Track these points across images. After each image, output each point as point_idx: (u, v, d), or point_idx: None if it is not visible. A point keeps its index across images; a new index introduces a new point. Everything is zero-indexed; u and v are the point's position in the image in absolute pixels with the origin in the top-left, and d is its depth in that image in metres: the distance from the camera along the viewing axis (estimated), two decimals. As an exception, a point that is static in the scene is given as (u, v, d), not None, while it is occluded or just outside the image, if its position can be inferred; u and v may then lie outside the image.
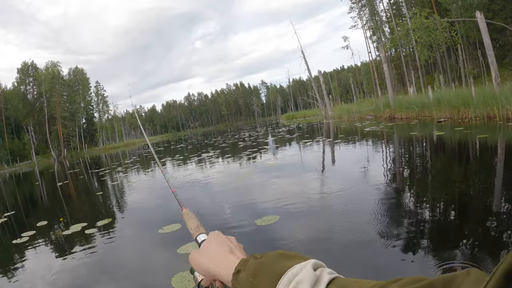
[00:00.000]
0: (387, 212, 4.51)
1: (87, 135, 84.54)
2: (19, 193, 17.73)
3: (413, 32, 24.58)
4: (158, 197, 9.08)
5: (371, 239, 3.71)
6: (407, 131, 14.03)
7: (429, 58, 29.33)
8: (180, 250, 4.31)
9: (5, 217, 9.46)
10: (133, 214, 7.48)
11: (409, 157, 8.82)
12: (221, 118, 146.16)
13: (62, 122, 74.74)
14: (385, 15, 50.69)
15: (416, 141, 10.92)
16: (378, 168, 7.61)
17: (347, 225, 4.25)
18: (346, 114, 31.39)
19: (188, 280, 3.44)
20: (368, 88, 62.50)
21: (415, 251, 3.25)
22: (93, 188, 13.85)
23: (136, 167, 18.51)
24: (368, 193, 5.46)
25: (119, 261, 4.63)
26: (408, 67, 43.86)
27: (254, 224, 4.84)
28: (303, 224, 4.60)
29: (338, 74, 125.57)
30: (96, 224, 6.53)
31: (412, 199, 5.03)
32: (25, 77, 78.50)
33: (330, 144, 13.39)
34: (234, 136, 32.22)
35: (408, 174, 6.83)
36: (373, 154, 9.88)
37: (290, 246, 3.97)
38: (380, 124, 18.06)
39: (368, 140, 12.91)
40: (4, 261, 5.57)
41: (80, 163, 35.39)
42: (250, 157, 13.45)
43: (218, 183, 9.09)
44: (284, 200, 5.84)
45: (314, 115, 47.00)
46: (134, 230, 6.12)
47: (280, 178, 8.19)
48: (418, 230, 3.79)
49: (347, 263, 3.35)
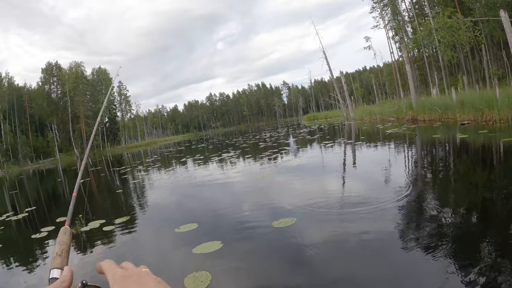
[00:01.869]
0: (407, 217, 4.41)
1: (110, 134, 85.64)
2: (41, 189, 18.03)
3: (436, 32, 24.22)
4: (177, 196, 9.11)
5: (388, 245, 3.62)
6: (429, 134, 13.77)
7: (452, 58, 28.78)
8: (196, 250, 4.28)
9: (26, 212, 9.63)
10: (151, 213, 7.51)
11: (431, 160, 8.63)
12: (243, 118, 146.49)
13: (85, 120, 75.91)
14: (408, 14, 49.96)
15: (438, 144, 10.71)
16: (399, 172, 7.46)
17: (364, 231, 4.16)
18: (368, 115, 31.04)
19: (201, 280, 3.41)
20: (390, 89, 61.70)
21: (436, 257, 3.15)
22: (114, 185, 13.99)
23: (157, 166, 18.63)
24: (388, 197, 5.34)
25: (134, 258, 4.62)
26: (431, 68, 43.09)
27: (271, 226, 4.79)
28: (320, 229, 4.52)
29: (360, 75, 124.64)
30: (114, 222, 6.57)
31: (433, 204, 4.89)
32: (49, 77, 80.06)
33: (351, 146, 13.24)
34: (255, 136, 32.20)
35: (431, 178, 6.68)
36: (394, 157, 9.72)
37: (305, 250, 3.90)
38: (402, 126, 17.79)
39: (390, 142, 12.72)
40: (22, 255, 5.65)
41: (102, 161, 35.83)
42: (270, 157, 13.40)
43: (238, 183, 9.07)
44: (302, 203, 5.76)
45: (335, 116, 46.70)
46: (151, 229, 6.15)
47: (299, 180, 8.12)
48: (438, 235, 3.68)
49: (363, 272, 3.27)
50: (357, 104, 54.83)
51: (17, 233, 7.80)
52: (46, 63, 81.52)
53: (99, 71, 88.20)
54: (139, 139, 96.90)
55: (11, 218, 9.05)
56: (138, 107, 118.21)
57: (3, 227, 8.17)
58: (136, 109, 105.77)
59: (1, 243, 6.52)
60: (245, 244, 4.41)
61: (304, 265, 3.53)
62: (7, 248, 6.26)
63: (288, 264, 3.61)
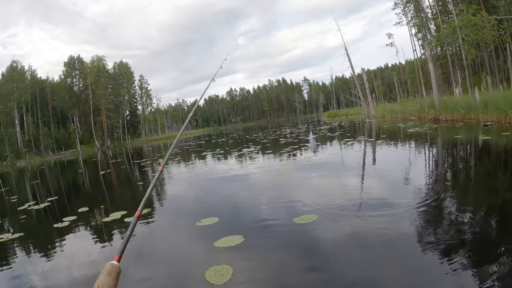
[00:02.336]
0: (427, 220, 4.34)
1: (130, 127, 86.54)
2: (63, 180, 18.33)
3: (460, 29, 23.78)
4: (197, 189, 9.17)
5: (407, 248, 3.57)
6: (451, 134, 13.55)
7: (476, 57, 28.23)
8: (217, 244, 4.30)
9: (48, 201, 9.79)
10: (172, 205, 7.57)
11: (452, 161, 8.47)
12: (263, 114, 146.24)
13: (106, 113, 76.83)
14: (431, 11, 49.13)
15: (460, 145, 10.53)
16: (420, 173, 7.35)
17: (384, 232, 4.11)
18: (389, 113, 30.69)
19: (222, 274, 3.42)
20: (412, 87, 60.88)
21: (454, 262, 3.09)
22: (134, 177, 14.15)
23: (177, 159, 18.76)
24: (408, 198, 5.25)
25: (155, 250, 4.67)
26: (454, 66, 42.30)
27: (292, 222, 4.78)
28: (341, 226, 4.48)
29: (381, 72, 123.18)
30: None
31: (454, 207, 4.78)
32: (72, 70, 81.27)
33: (372, 144, 13.12)
34: (275, 132, 32.18)
35: (452, 180, 6.56)
36: (415, 157, 9.59)
37: (325, 248, 3.88)
38: (424, 126, 17.53)
39: (411, 141, 12.55)
40: (45, 244, 5.76)
41: (123, 153, 36.24)
42: (290, 154, 13.36)
43: (258, 178, 9.08)
44: (323, 200, 5.72)
45: (356, 114, 46.34)
46: (172, 221, 6.20)
47: (320, 177, 8.08)
48: (458, 239, 3.61)
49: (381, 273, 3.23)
50: (378, 102, 54.29)
51: (39, 222, 7.95)
52: (68, 57, 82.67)
53: (121, 65, 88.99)
54: (160, 133, 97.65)
55: (32, 207, 9.22)
56: (159, 101, 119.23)
57: (25, 215, 8.33)
58: (156, 103, 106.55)
59: (23, 231, 6.65)
60: (266, 239, 4.41)
61: (325, 263, 3.52)
62: (29, 236, 6.38)
63: (309, 261, 3.59)
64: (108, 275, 1.12)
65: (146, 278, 3.73)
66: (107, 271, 1.12)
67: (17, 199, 11.38)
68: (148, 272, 3.88)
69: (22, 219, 8.04)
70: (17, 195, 12.77)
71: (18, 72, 67.95)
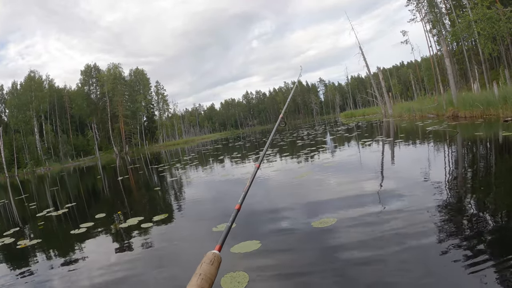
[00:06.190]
0: (450, 223, 4.19)
1: (148, 132, 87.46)
2: (81, 186, 18.51)
3: (475, 23, 23.42)
4: (214, 194, 9.15)
5: (428, 253, 3.45)
6: (471, 131, 13.29)
7: (493, 51, 27.75)
8: (233, 250, 4.24)
9: (66, 208, 9.89)
10: (189, 211, 7.53)
11: (473, 159, 8.24)
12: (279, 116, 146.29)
13: (124, 120, 77.76)
14: (445, 6, 48.51)
15: (480, 142, 10.29)
16: (441, 173, 7.16)
17: (405, 236, 3.99)
18: (406, 112, 30.36)
19: (238, 281, 3.35)
20: (429, 84, 60.11)
21: (475, 267, 2.97)
22: (152, 183, 14.20)
23: (194, 163, 18.79)
24: (429, 200, 5.10)
25: (172, 256, 4.66)
26: (471, 61, 41.62)
27: (310, 226, 4.69)
28: (359, 231, 4.35)
29: (397, 70, 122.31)
30: (152, 219, 6.64)
31: (475, 208, 4.63)
32: (89, 78, 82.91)
33: (390, 144, 12.93)
34: (292, 134, 32.03)
35: (474, 180, 6.38)
36: (436, 156, 9.38)
37: (345, 253, 3.78)
38: (443, 124, 17.25)
39: (430, 140, 12.33)
40: (62, 250, 5.80)
41: (141, 158, 36.54)
42: (308, 156, 13.25)
43: (275, 181, 9.01)
44: (341, 203, 5.63)
45: (373, 113, 46.00)
46: (189, 227, 6.16)
47: (338, 179, 7.94)
48: (480, 243, 3.47)
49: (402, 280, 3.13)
50: (395, 101, 53.78)
51: (57, 228, 8.02)
52: (85, 65, 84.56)
53: (136, 71, 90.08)
54: (177, 137, 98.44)
55: (51, 213, 9.32)
56: (175, 106, 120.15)
57: (44, 222, 8.41)
58: (173, 108, 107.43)
59: (41, 237, 6.73)
60: (284, 244, 4.32)
61: (344, 269, 3.42)
62: (46, 242, 6.43)
63: (329, 267, 3.50)
64: (211, 264, 1.09)
65: (162, 285, 3.70)
66: (210, 260, 1.10)
67: (37, 206, 11.56)
68: (164, 278, 3.84)
69: (41, 225, 8.12)
70: (37, 202, 12.95)
71: (36, 81, 69.31)
